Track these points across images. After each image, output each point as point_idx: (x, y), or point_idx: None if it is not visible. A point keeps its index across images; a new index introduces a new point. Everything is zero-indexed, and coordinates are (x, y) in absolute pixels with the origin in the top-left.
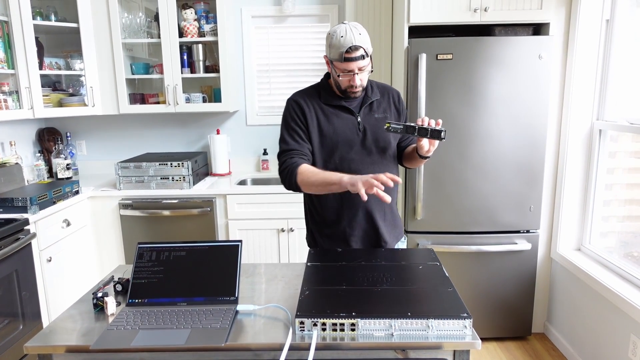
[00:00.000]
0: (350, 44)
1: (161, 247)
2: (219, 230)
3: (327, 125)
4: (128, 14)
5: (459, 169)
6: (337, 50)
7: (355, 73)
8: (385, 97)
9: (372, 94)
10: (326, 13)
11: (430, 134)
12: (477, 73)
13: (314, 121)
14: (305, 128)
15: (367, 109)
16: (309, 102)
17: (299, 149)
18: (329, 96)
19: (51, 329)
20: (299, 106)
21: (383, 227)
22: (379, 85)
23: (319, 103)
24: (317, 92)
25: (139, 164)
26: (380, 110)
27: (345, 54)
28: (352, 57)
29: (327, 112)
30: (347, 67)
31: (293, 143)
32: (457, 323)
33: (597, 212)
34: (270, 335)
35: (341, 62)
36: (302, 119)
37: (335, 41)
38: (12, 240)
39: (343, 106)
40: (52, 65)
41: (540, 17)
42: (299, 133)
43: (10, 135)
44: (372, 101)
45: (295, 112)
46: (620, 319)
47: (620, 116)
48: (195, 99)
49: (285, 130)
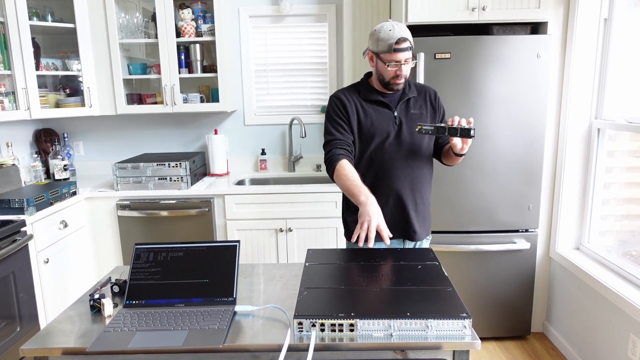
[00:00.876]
0: (400, 36)
1: (158, 248)
2: (217, 231)
3: (364, 118)
4: (125, 14)
5: (457, 168)
6: (387, 42)
7: (402, 63)
8: (422, 95)
9: (410, 91)
10: (324, 13)
11: (460, 132)
12: (475, 72)
13: (354, 114)
14: (348, 121)
15: (403, 105)
16: (350, 97)
17: (343, 139)
18: (368, 92)
19: (48, 331)
20: (340, 101)
21: (414, 216)
22: (416, 85)
23: (359, 99)
24: (357, 89)
25: (136, 164)
26: (417, 107)
27: (395, 45)
28: (400, 47)
29: (366, 107)
30: (396, 58)
31: (337, 134)
32: (456, 323)
33: (595, 211)
34: (268, 336)
35: (390, 54)
36: (344, 112)
37: (384, 35)
38: (9, 242)
39: (381, 101)
40: (49, 66)
41: (538, 16)
42: (342, 125)
43: (7, 136)
44: (409, 97)
45: (338, 107)
46: (620, 318)
47: (618, 115)
48: (192, 99)
49: (329, 124)
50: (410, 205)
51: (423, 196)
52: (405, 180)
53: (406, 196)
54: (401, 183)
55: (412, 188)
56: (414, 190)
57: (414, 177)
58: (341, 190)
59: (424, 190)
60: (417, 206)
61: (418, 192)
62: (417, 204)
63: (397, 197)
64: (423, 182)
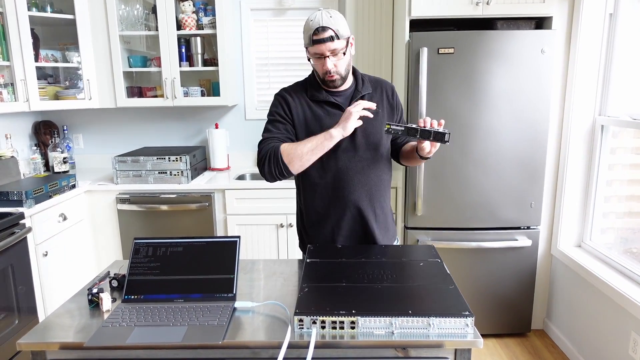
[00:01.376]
0: (318, 25)
1: (158, 242)
2: (217, 226)
3: (312, 121)
4: (125, 5)
5: (459, 164)
6: (307, 34)
7: (326, 56)
8: (378, 91)
9: (363, 87)
10: (326, 6)
11: (434, 136)
12: (478, 67)
13: (300, 116)
14: (291, 122)
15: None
16: (295, 97)
17: (279, 136)
18: (315, 91)
19: (45, 325)
20: (285, 101)
21: (375, 227)
22: (371, 79)
23: (306, 98)
24: (304, 87)
25: (136, 158)
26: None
27: (314, 36)
28: (320, 38)
29: (314, 108)
30: (317, 50)
31: (275, 131)
32: (458, 321)
33: (598, 209)
34: (268, 333)
35: (311, 46)
36: (288, 113)
37: (306, 25)
38: (7, 235)
39: (330, 101)
40: (48, 58)
41: (543, 10)
42: (283, 124)
43: (5, 128)
44: (363, 95)
45: (282, 106)
46: (621, 316)
47: (622, 112)
48: (193, 92)
49: (269, 122)
50: (370, 217)
51: (383, 205)
52: (363, 190)
53: (365, 207)
54: (358, 193)
55: (371, 197)
56: (372, 199)
57: (371, 185)
58: (302, 189)
59: (382, 198)
60: (377, 217)
61: (377, 202)
62: (377, 214)
63: (354, 209)
64: (381, 189)
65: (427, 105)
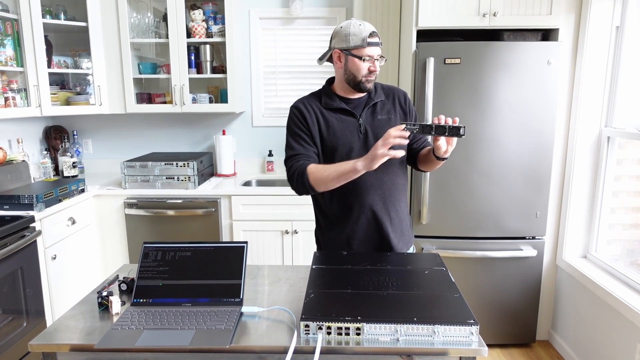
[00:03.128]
0: (372, 30)
1: (167, 247)
2: (223, 231)
3: (326, 129)
4: (137, 13)
5: (465, 174)
6: (359, 36)
7: (375, 59)
8: (390, 98)
9: (376, 95)
10: (334, 16)
11: (449, 131)
12: (485, 78)
13: (315, 125)
14: (309, 132)
15: (369, 111)
16: (309, 107)
17: (305, 153)
18: (329, 100)
19: (55, 327)
20: (300, 112)
21: (390, 231)
22: (384, 87)
23: (320, 107)
24: (317, 97)
25: (144, 163)
26: (384, 112)
27: (369, 39)
28: (374, 41)
29: (328, 116)
30: (371, 52)
31: (299, 147)
32: (463, 329)
33: (604, 220)
34: (274, 338)
35: (364, 48)
36: (304, 123)
37: (354, 29)
38: (17, 238)
39: (343, 109)
40: (61, 64)
41: (550, 22)
42: (304, 137)
43: (17, 132)
44: (376, 102)
45: (298, 118)
46: (627, 327)
47: (629, 123)
48: (201, 99)
49: (290, 137)
50: (384, 220)
51: (398, 209)
52: (377, 194)
53: (379, 211)
54: (372, 197)
55: (385, 201)
56: (386, 203)
57: (385, 189)
58: (319, 193)
59: (397, 203)
60: (392, 220)
61: (392, 205)
62: (392, 217)
63: (369, 214)
64: (395, 193)
65: (432, 115)
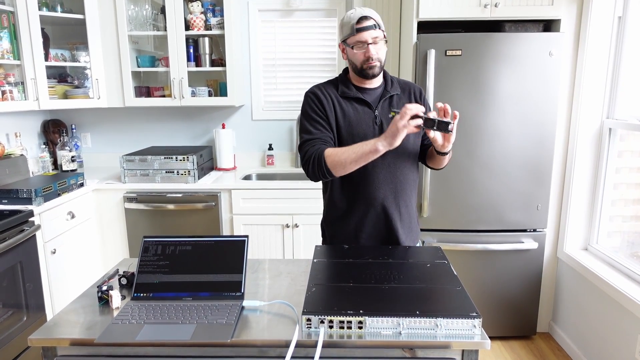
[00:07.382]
0: (361, 15)
1: (167, 241)
2: (223, 225)
3: (342, 118)
4: (134, 6)
5: (466, 166)
6: (349, 24)
7: (369, 43)
8: (406, 92)
9: (392, 88)
10: (333, 7)
11: (437, 125)
12: (486, 69)
13: (332, 112)
14: (326, 117)
15: (385, 103)
16: (326, 92)
17: (322, 137)
18: (346, 88)
19: (55, 321)
20: (316, 97)
21: (399, 226)
22: (400, 81)
23: (336, 95)
24: (334, 84)
25: (144, 157)
26: (400, 106)
27: (357, 25)
28: (363, 26)
29: (344, 104)
30: (360, 38)
31: (316, 132)
32: (466, 322)
33: (604, 212)
34: (276, 332)
35: (354, 35)
36: (321, 108)
37: (346, 19)
38: (16, 232)
39: (360, 99)
40: (58, 57)
41: (551, 13)
42: (320, 122)
43: (15, 126)
44: (392, 95)
45: (314, 103)
46: (628, 319)
47: (630, 115)
48: (201, 92)
49: (306, 121)
50: (394, 215)
51: (408, 204)
52: (388, 187)
53: (389, 205)
54: (384, 191)
55: (396, 195)
56: (397, 197)
57: (397, 183)
58: (334, 180)
59: (408, 198)
60: (401, 215)
61: (402, 200)
62: (402, 212)
63: (379, 207)
64: (407, 188)
65: (433, 107)
